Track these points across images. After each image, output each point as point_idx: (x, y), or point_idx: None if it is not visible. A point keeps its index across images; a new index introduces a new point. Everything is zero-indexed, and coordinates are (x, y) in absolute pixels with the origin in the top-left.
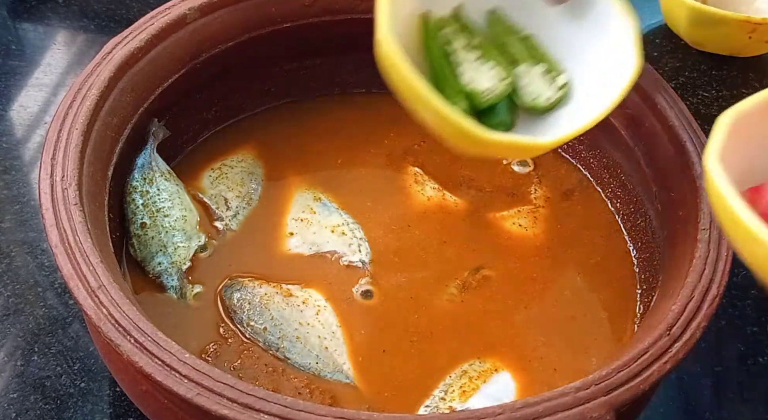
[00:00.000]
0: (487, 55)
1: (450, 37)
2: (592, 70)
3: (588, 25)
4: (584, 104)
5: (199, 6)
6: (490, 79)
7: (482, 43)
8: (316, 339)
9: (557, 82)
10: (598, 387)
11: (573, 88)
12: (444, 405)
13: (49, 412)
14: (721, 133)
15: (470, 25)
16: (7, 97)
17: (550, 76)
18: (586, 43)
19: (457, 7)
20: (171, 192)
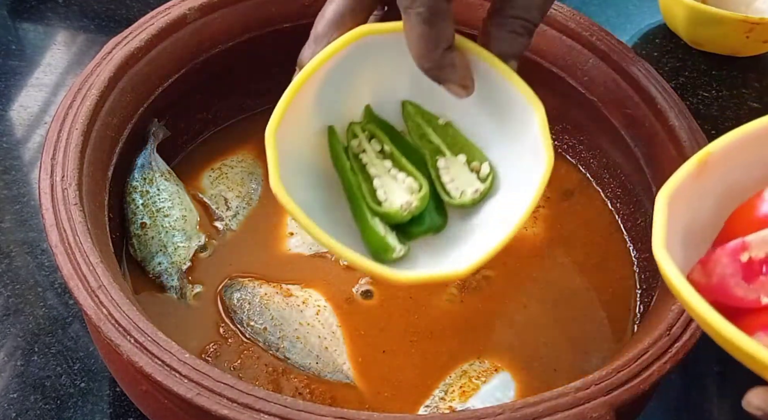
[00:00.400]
0: (399, 163)
1: (363, 147)
2: (514, 158)
3: (502, 111)
4: (509, 200)
5: (199, 6)
6: (404, 194)
7: (393, 151)
8: (316, 339)
9: (481, 171)
10: (598, 387)
11: (499, 177)
12: (444, 405)
13: (49, 412)
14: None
15: (382, 127)
16: (7, 97)
17: (474, 166)
18: (502, 129)
19: (366, 107)
20: (171, 192)
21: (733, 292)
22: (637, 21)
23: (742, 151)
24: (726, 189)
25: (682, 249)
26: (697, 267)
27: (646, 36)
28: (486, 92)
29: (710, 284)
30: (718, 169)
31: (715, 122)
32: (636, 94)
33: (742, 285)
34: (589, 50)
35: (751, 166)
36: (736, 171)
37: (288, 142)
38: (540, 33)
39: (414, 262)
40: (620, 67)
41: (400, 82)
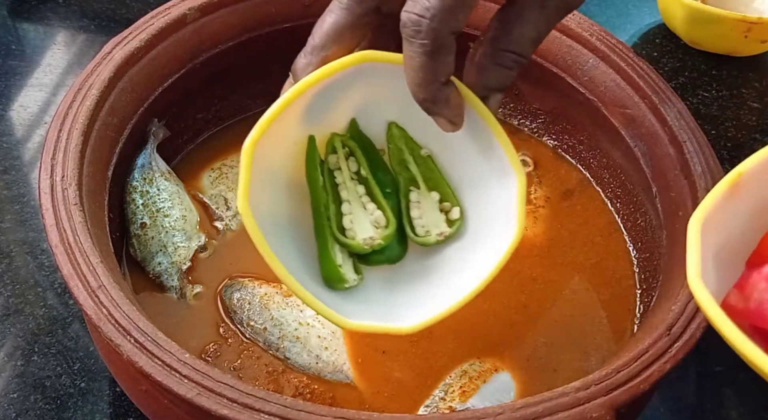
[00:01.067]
0: (372, 192)
1: (339, 164)
2: (485, 212)
3: (484, 162)
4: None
5: (199, 6)
6: (369, 227)
7: (368, 177)
8: (316, 339)
9: (451, 214)
10: (598, 387)
11: (467, 223)
12: (444, 405)
13: (49, 412)
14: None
15: (364, 143)
16: (7, 97)
17: (444, 207)
18: (480, 177)
19: (352, 121)
20: (171, 192)
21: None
22: (636, 21)
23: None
24: (758, 208)
25: (716, 271)
26: (733, 291)
27: (646, 36)
28: (473, 139)
29: (747, 309)
30: (750, 189)
31: (715, 122)
32: (636, 94)
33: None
34: (589, 50)
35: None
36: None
37: (266, 151)
38: None
39: (366, 293)
40: (620, 67)
41: (390, 104)
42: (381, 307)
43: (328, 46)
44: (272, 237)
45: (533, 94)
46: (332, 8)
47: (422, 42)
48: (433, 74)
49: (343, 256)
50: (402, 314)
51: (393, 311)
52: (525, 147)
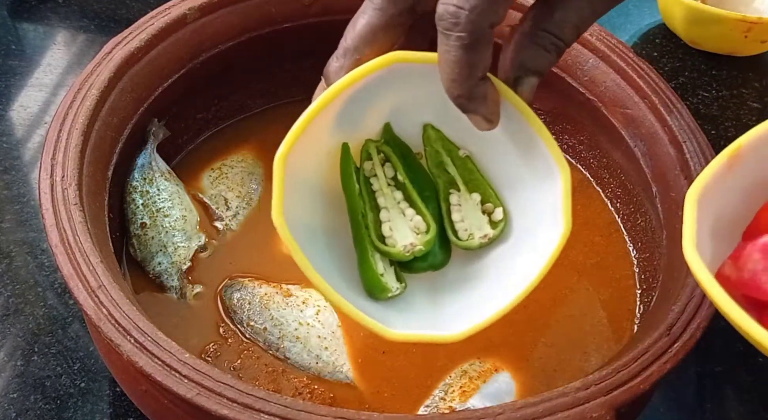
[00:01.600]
0: (410, 197)
1: (375, 171)
2: (529, 212)
3: (525, 160)
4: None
5: (199, 6)
6: (409, 233)
7: (406, 182)
8: (316, 339)
9: (494, 216)
10: (598, 387)
11: (510, 224)
12: (444, 405)
13: (49, 412)
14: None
15: (399, 148)
16: (7, 97)
17: (487, 208)
18: (521, 177)
19: (386, 125)
20: (171, 192)
21: (764, 287)
22: (636, 21)
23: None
24: (756, 181)
25: (711, 242)
26: (728, 262)
27: (646, 36)
28: (512, 136)
29: (741, 279)
30: (748, 162)
31: (715, 122)
32: (636, 94)
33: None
34: (589, 50)
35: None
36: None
37: (299, 161)
38: None
39: (409, 302)
40: (620, 67)
41: (424, 105)
42: (425, 316)
43: (361, 48)
44: (309, 249)
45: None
46: (365, 9)
47: (459, 34)
48: (470, 69)
49: (384, 264)
50: (447, 321)
51: (438, 319)
52: None
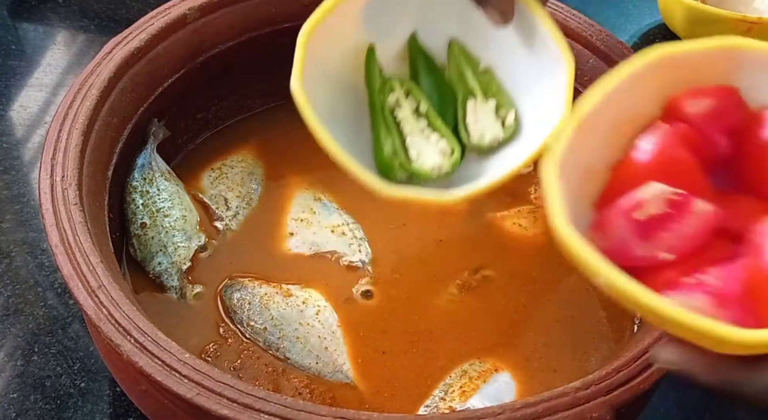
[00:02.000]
0: (434, 124)
1: (399, 102)
2: (536, 111)
3: (535, 60)
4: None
5: (199, 6)
6: (436, 156)
7: (429, 110)
8: (316, 339)
9: (507, 120)
10: (598, 387)
11: (520, 128)
12: (444, 405)
13: (49, 412)
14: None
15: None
16: (7, 97)
17: (501, 114)
18: (533, 80)
19: (411, 36)
20: (171, 192)
21: (633, 252)
22: (637, 21)
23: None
24: (605, 141)
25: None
26: (592, 233)
27: (646, 36)
28: (523, 39)
29: (610, 247)
30: (592, 129)
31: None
32: None
33: (640, 244)
34: (589, 50)
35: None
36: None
37: (321, 48)
38: None
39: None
40: None
41: (448, 17)
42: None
43: None
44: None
45: None
46: None
47: None
48: None
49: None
50: (447, 194)
51: (439, 192)
52: None
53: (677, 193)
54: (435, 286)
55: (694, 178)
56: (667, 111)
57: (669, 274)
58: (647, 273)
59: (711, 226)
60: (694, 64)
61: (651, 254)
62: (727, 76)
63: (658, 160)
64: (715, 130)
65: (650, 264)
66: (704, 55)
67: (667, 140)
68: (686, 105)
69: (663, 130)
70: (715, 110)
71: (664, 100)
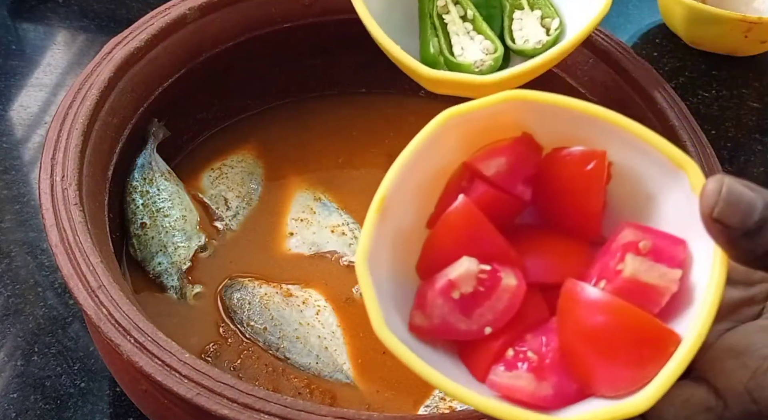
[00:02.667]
0: (479, 28)
1: (447, 8)
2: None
3: None
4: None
5: (199, 6)
6: (479, 52)
7: (475, 16)
8: (316, 339)
9: (551, 26)
10: None
11: (564, 33)
12: (444, 405)
13: (49, 412)
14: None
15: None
16: (7, 97)
17: (546, 23)
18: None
19: None
20: (171, 192)
21: (456, 327)
22: (637, 21)
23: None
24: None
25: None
26: (416, 313)
27: (646, 36)
28: None
29: (434, 326)
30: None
31: (715, 122)
32: (636, 94)
33: (462, 320)
34: (589, 50)
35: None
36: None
37: None
38: None
39: None
40: (620, 67)
41: None
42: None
43: None
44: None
45: None
46: None
47: None
48: None
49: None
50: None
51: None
52: None
53: (485, 271)
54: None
55: (497, 247)
56: (467, 174)
57: (495, 347)
58: (477, 346)
59: (519, 298)
60: (485, 120)
61: (474, 328)
62: (518, 125)
63: (462, 235)
64: (514, 183)
65: (476, 337)
66: (493, 110)
67: (468, 212)
68: (481, 168)
69: (461, 203)
70: (510, 166)
71: (463, 157)
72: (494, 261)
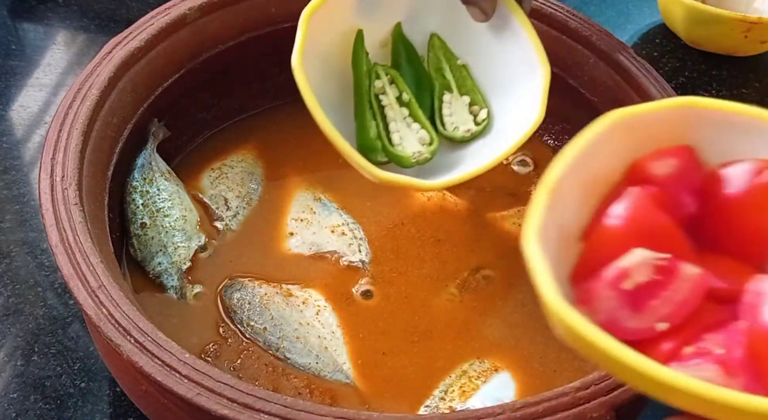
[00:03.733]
0: (415, 114)
1: (384, 89)
2: (510, 110)
3: (512, 63)
4: (493, 143)
5: (199, 6)
6: (416, 144)
7: (411, 100)
8: (316, 339)
9: (479, 116)
10: (598, 387)
11: (492, 124)
12: (444, 405)
13: (49, 412)
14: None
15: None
16: (8, 97)
17: (474, 110)
18: (509, 81)
19: (397, 25)
20: (171, 192)
21: (625, 325)
22: (636, 21)
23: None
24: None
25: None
26: (580, 307)
27: (646, 36)
28: (503, 44)
29: (598, 323)
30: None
31: None
32: (636, 94)
33: (632, 316)
34: (589, 50)
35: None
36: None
37: (318, 30)
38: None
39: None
40: (620, 67)
41: (433, 13)
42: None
43: None
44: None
45: None
46: None
47: None
48: None
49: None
50: (428, 179)
51: (421, 177)
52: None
53: (663, 259)
54: (435, 286)
55: (673, 241)
56: (631, 174)
57: (667, 346)
58: (643, 346)
59: (702, 289)
60: (652, 125)
61: (645, 326)
62: (682, 136)
63: (636, 225)
64: (681, 191)
65: (645, 336)
66: (661, 116)
67: (641, 203)
68: (652, 167)
69: (635, 194)
70: (680, 170)
71: (626, 163)
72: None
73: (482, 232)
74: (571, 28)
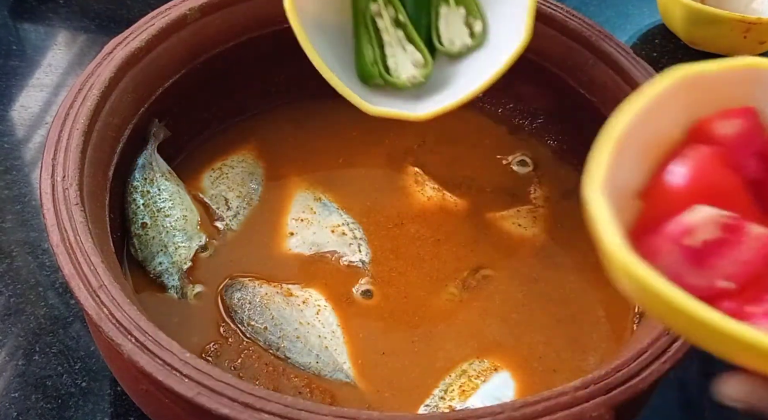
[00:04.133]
0: (410, 36)
1: (380, 12)
2: (503, 24)
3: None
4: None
5: (199, 6)
6: (411, 67)
7: (406, 22)
8: (316, 338)
9: (474, 28)
10: (598, 386)
11: (486, 37)
12: (444, 404)
13: (50, 411)
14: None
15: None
16: (8, 97)
17: (469, 21)
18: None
19: None
20: (172, 192)
21: (687, 282)
22: (636, 21)
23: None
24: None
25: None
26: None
27: (646, 36)
28: None
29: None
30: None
31: None
32: None
33: (695, 273)
34: (589, 50)
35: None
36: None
37: None
38: (540, 33)
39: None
40: (620, 67)
41: None
42: (404, 102)
43: None
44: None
45: (533, 95)
46: None
47: None
48: None
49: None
50: (420, 108)
51: (414, 105)
52: (525, 147)
53: (730, 217)
54: (435, 286)
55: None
56: (695, 133)
57: (729, 305)
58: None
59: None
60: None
61: (708, 283)
62: (747, 97)
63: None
64: (745, 153)
65: (706, 294)
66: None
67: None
68: (717, 127)
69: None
70: (745, 132)
71: (688, 122)
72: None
73: (482, 232)
74: (571, 28)
